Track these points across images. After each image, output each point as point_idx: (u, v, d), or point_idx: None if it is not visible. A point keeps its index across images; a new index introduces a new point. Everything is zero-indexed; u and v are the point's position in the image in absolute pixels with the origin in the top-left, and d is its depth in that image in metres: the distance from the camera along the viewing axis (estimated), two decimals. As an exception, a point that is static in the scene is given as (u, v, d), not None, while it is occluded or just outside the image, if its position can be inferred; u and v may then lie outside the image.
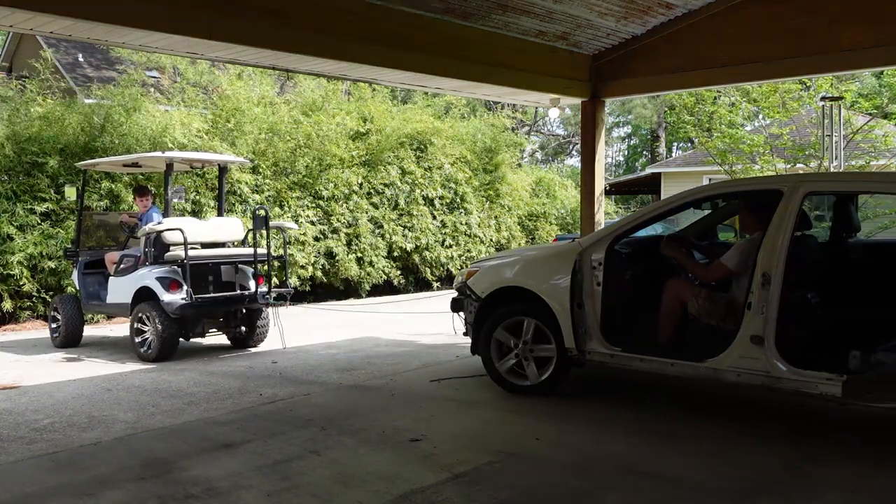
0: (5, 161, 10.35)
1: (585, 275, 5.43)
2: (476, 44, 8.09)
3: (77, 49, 18.22)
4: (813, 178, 5.51)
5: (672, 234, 5.95)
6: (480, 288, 6.06)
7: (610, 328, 5.43)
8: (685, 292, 5.29)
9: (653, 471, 4.19)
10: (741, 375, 4.78)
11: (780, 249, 4.66)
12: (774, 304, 4.63)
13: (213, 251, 8.24)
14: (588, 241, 5.59)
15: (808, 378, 4.52)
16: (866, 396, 4.39)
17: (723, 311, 5.12)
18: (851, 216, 5.75)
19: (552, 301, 5.56)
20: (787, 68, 8.32)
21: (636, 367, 5.31)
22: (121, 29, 5.89)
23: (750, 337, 4.70)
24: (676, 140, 37.14)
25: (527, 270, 5.90)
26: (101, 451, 4.64)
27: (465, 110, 19.06)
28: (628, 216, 5.67)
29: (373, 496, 3.83)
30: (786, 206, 4.75)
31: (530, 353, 5.77)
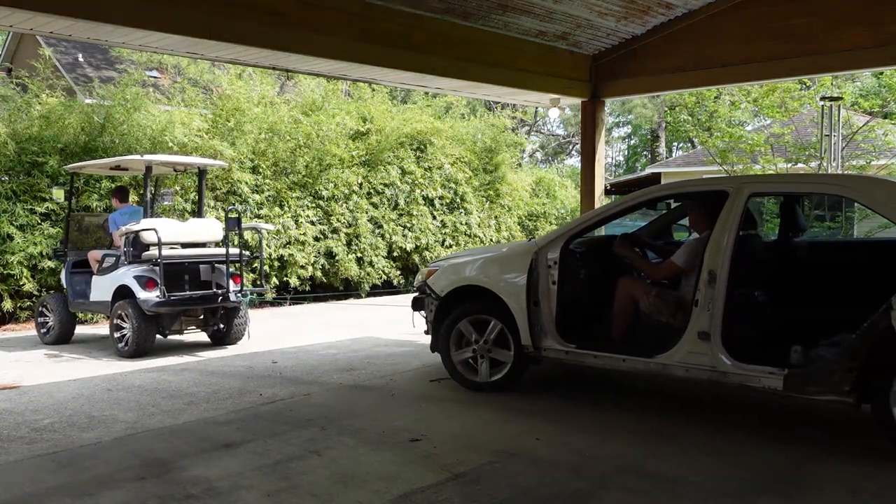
0: (5, 161, 10.34)
1: (541, 273, 5.56)
2: (476, 44, 8.09)
3: (77, 49, 18.22)
4: (756, 179, 5.71)
5: (625, 234, 6.08)
6: (439, 287, 6.16)
7: (565, 326, 5.56)
8: (637, 290, 5.44)
9: (653, 471, 4.19)
10: (689, 370, 4.94)
11: (726, 248, 4.82)
12: (720, 302, 4.78)
13: (188, 251, 8.44)
14: (544, 241, 5.69)
15: (752, 372, 4.69)
16: (806, 389, 4.53)
17: (673, 308, 5.27)
18: (797, 216, 5.90)
19: (509, 299, 5.68)
20: (787, 68, 8.33)
21: (590, 363, 5.45)
22: (121, 29, 5.90)
23: (697, 333, 4.85)
24: (676, 140, 37.15)
25: (485, 269, 5.99)
26: (102, 451, 4.64)
27: (465, 110, 19.04)
28: (583, 216, 5.80)
29: (373, 496, 3.84)
30: (731, 207, 4.92)
31: (488, 351, 5.89)
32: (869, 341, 4.27)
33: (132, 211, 8.72)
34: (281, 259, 12.79)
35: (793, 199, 5.90)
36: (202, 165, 9.19)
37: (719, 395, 5.89)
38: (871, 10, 7.52)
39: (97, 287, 8.44)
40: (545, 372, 6.65)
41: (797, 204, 5.93)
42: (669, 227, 6.72)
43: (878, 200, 4.70)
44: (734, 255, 4.82)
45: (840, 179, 5.95)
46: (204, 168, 9.26)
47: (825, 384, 4.43)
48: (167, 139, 11.52)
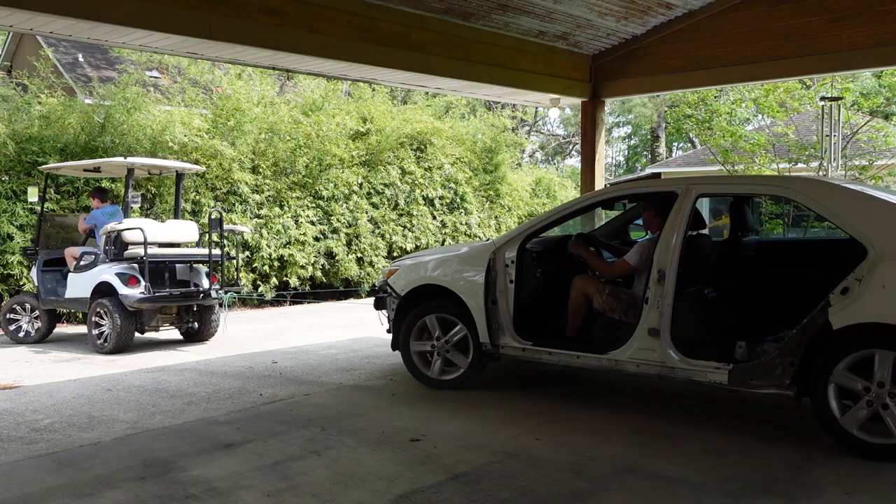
0: (5, 161, 10.34)
1: (499, 272, 5.69)
2: (476, 44, 8.09)
3: (77, 49, 18.22)
4: (704, 180, 5.89)
5: (580, 234, 6.24)
6: (400, 286, 6.25)
7: (522, 323, 5.68)
8: (590, 288, 5.58)
9: (653, 471, 4.19)
10: (640, 366, 5.09)
11: (674, 248, 4.98)
12: (669, 299, 4.94)
13: (170, 250, 8.73)
14: (501, 241, 5.81)
15: (699, 367, 4.85)
16: (749, 383, 4.68)
17: (625, 306, 5.41)
18: (746, 216, 5.99)
19: (467, 298, 5.79)
20: (787, 68, 8.33)
21: (545, 359, 5.58)
22: (121, 29, 5.90)
23: (647, 330, 5.00)
24: (676, 140, 37.15)
25: (444, 269, 6.08)
26: (101, 451, 4.64)
27: (465, 110, 19.05)
28: (539, 216, 5.92)
29: (373, 496, 3.84)
30: (679, 207, 5.07)
31: (447, 349, 6.00)
32: (808, 336, 4.45)
33: (112, 211, 8.92)
34: (281, 259, 12.79)
35: (742, 200, 5.99)
36: (180, 169, 9.43)
37: (720, 395, 5.89)
38: (871, 10, 7.52)
39: (74, 284, 8.60)
40: (545, 372, 6.65)
41: (746, 205, 6.05)
42: (626, 227, 6.88)
43: (816, 201, 4.83)
44: (682, 254, 4.97)
45: (781, 181, 6.11)
46: (181, 172, 9.50)
47: (767, 378, 4.61)
48: (167, 139, 11.52)
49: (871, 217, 4.56)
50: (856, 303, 4.30)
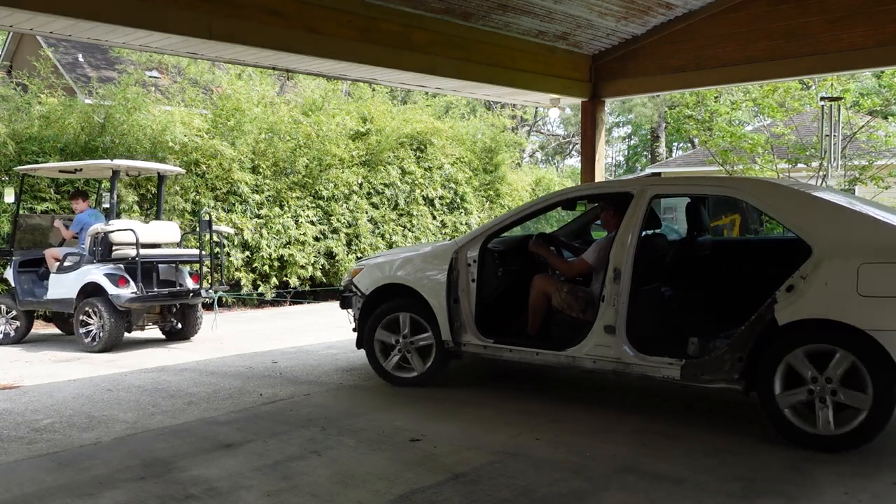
0: (5, 161, 10.34)
1: (461, 271, 5.80)
2: (476, 44, 8.09)
3: (77, 49, 18.21)
4: (658, 182, 6.10)
5: (541, 234, 6.41)
6: (364, 285, 6.34)
7: (483, 321, 5.79)
8: (550, 287, 5.69)
9: (653, 471, 4.19)
10: (596, 362, 5.23)
11: (629, 247, 5.11)
12: (625, 297, 5.08)
13: (159, 251, 8.89)
14: (463, 240, 5.92)
15: (653, 363, 4.99)
16: (700, 378, 4.83)
17: (583, 303, 5.54)
18: (701, 217, 6.13)
19: (430, 296, 5.89)
20: (787, 68, 8.33)
21: (506, 357, 5.70)
22: (121, 29, 5.90)
23: (604, 327, 5.14)
24: (676, 140, 37.14)
25: (407, 268, 6.18)
26: (101, 451, 4.64)
27: (465, 110, 19.05)
28: (501, 216, 6.03)
29: (373, 496, 3.84)
30: (635, 208, 5.21)
31: (411, 347, 6.09)
32: (756, 333, 4.60)
33: (95, 213, 9.11)
34: (281, 259, 12.80)
35: (697, 201, 6.10)
36: (161, 171, 9.52)
37: (720, 396, 5.89)
38: (871, 10, 7.52)
39: (57, 285, 8.66)
40: (545, 373, 6.65)
41: (702, 205, 6.18)
42: (587, 227, 6.97)
43: (764, 202, 5.01)
44: (638, 253, 5.11)
45: (731, 182, 6.29)
46: (163, 174, 9.58)
47: (717, 373, 4.75)
48: (167, 139, 11.52)
49: (815, 217, 4.74)
50: (800, 300, 4.46)
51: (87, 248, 8.61)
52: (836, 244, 4.51)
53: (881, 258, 4.33)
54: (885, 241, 4.48)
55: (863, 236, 4.56)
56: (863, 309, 4.31)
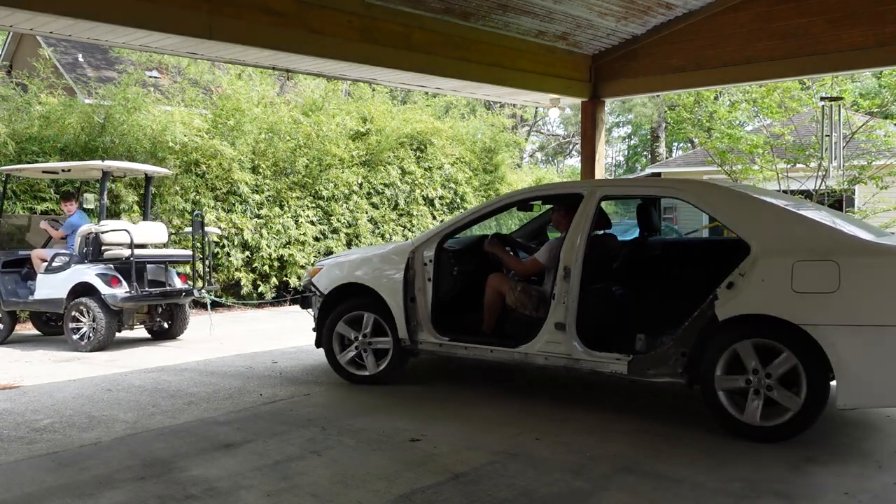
0: (5, 161, 10.33)
1: (417, 271, 5.93)
2: (476, 44, 8.09)
3: (77, 49, 18.21)
4: (607, 183, 6.35)
5: (496, 234, 6.57)
6: (323, 285, 6.44)
7: (439, 320, 5.92)
8: (504, 286, 5.82)
9: (653, 471, 4.19)
10: (548, 358, 5.37)
11: (579, 246, 5.29)
12: (574, 295, 5.24)
13: (151, 251, 9.03)
14: (420, 240, 6.05)
15: (601, 359, 5.16)
16: (646, 373, 5.01)
17: (536, 302, 5.67)
18: (652, 218, 6.26)
19: (387, 296, 6.00)
20: (787, 68, 8.33)
21: (461, 354, 5.84)
22: (121, 29, 5.89)
23: (554, 324, 5.29)
24: (676, 140, 37.13)
25: (365, 268, 6.29)
26: (101, 451, 4.64)
27: (465, 110, 19.05)
28: (456, 216, 6.17)
29: (373, 496, 3.84)
30: (584, 208, 5.39)
31: (369, 346, 6.19)
32: (698, 328, 4.79)
33: (83, 214, 9.20)
34: (281, 259, 12.80)
35: (648, 203, 6.25)
36: (149, 172, 9.59)
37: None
38: (871, 10, 7.52)
39: (45, 285, 8.71)
40: (545, 373, 6.65)
41: (652, 207, 6.33)
42: (544, 227, 7.06)
43: (706, 202, 5.24)
44: (587, 252, 5.28)
45: (674, 184, 6.45)
46: (150, 174, 9.64)
47: (662, 367, 4.94)
48: (167, 139, 11.52)
49: (752, 217, 4.95)
50: (739, 296, 4.66)
51: (77, 248, 8.67)
52: (772, 243, 4.71)
53: (814, 256, 4.54)
54: (817, 240, 4.68)
55: (797, 236, 4.76)
56: (796, 305, 4.51)
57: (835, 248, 4.56)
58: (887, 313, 4.34)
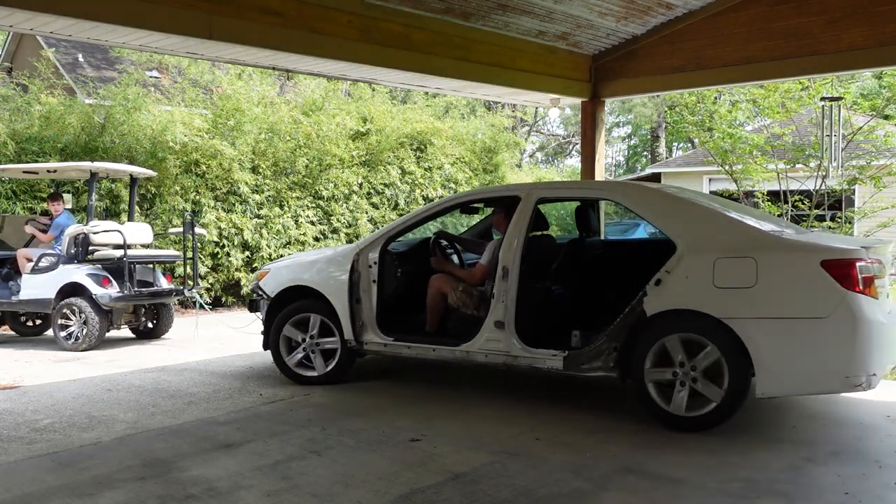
0: (5, 161, 10.33)
1: (362, 273, 6.06)
2: (476, 44, 8.08)
3: (77, 49, 18.20)
4: (543, 186, 6.63)
5: (441, 231, 6.85)
6: (270, 288, 6.53)
7: (384, 320, 6.05)
8: (446, 286, 5.97)
9: (653, 471, 4.19)
10: (488, 356, 5.53)
11: (517, 247, 5.45)
12: (513, 294, 5.40)
13: (142, 251, 9.13)
14: (364, 243, 6.20)
15: (538, 355, 5.34)
16: (581, 367, 5.21)
17: (477, 301, 5.84)
18: (590, 219, 6.46)
19: (333, 298, 6.11)
20: (787, 68, 8.32)
21: (405, 354, 5.97)
22: (121, 29, 5.89)
23: (494, 322, 5.46)
24: (676, 140, 37.13)
25: (311, 270, 6.40)
26: (102, 451, 4.64)
27: (465, 110, 19.02)
28: (400, 219, 6.29)
29: (373, 496, 3.84)
30: (522, 210, 5.57)
31: (316, 347, 6.28)
32: (629, 324, 5.00)
33: (69, 215, 9.26)
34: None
35: (586, 205, 6.44)
36: (135, 173, 9.63)
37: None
38: (871, 10, 7.51)
39: (31, 286, 8.72)
40: (545, 374, 6.64)
41: (590, 209, 6.53)
42: (489, 229, 7.15)
43: (636, 203, 5.49)
44: (525, 252, 5.44)
45: (606, 185, 6.92)
46: (135, 176, 9.67)
47: (596, 362, 5.14)
48: (168, 139, 11.52)
49: (678, 217, 5.20)
50: (665, 292, 4.89)
51: (65, 248, 8.70)
52: (695, 241, 4.94)
53: (733, 253, 4.77)
54: (737, 238, 4.92)
55: (719, 234, 5.00)
56: (718, 299, 4.74)
57: (753, 245, 4.81)
58: (800, 306, 4.58)
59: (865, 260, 4.63)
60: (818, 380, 4.65)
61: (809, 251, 4.71)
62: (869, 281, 4.60)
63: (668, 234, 5.08)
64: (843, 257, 4.59)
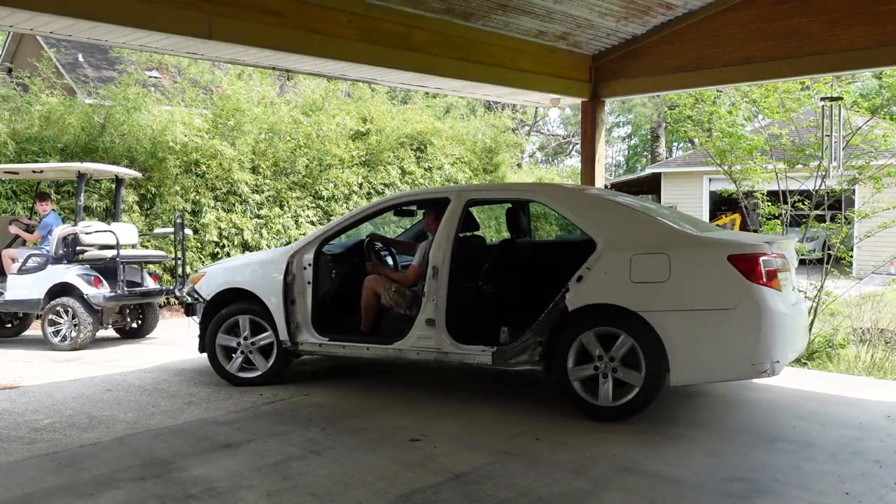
0: (5, 161, 10.34)
1: (297, 275, 6.15)
2: (476, 44, 8.08)
3: (77, 49, 18.20)
4: (472, 188, 6.90)
5: (373, 234, 6.97)
6: (206, 291, 6.59)
7: (319, 321, 6.14)
8: (379, 286, 6.12)
9: (653, 471, 4.19)
10: (420, 353, 5.69)
11: (446, 247, 5.63)
12: (443, 292, 5.57)
13: (131, 251, 9.18)
14: (299, 245, 6.28)
15: (468, 351, 5.52)
16: (508, 362, 5.39)
17: (409, 300, 6.00)
18: (520, 220, 6.71)
19: (268, 300, 6.21)
20: (787, 68, 8.32)
21: (340, 353, 6.08)
22: (121, 29, 5.88)
23: (425, 320, 5.62)
24: (676, 140, 37.14)
25: (246, 273, 6.49)
26: (102, 451, 4.64)
27: (465, 111, 19.02)
28: (333, 221, 6.44)
29: (373, 496, 3.84)
30: (451, 211, 5.74)
31: (253, 346, 6.33)
32: (553, 319, 5.22)
33: (58, 215, 9.32)
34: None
35: (517, 207, 6.70)
36: (120, 174, 9.67)
37: (720, 396, 5.89)
38: (871, 10, 7.51)
39: (18, 286, 8.73)
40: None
41: (521, 211, 6.77)
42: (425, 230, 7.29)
43: (559, 204, 5.75)
44: (454, 252, 5.62)
45: (531, 188, 7.20)
46: (121, 177, 9.75)
47: (522, 356, 5.34)
48: (168, 139, 11.52)
49: (598, 217, 5.47)
50: (586, 288, 5.13)
51: (53, 248, 8.71)
52: (613, 239, 5.19)
53: (648, 250, 5.03)
54: (652, 235, 5.20)
55: (635, 232, 5.27)
56: (634, 294, 5.00)
57: (666, 242, 5.08)
58: (709, 298, 4.85)
59: (769, 254, 4.91)
60: (727, 367, 4.94)
61: (717, 247, 5.01)
62: (772, 274, 4.89)
63: (589, 233, 5.32)
64: (748, 252, 4.89)
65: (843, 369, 7.19)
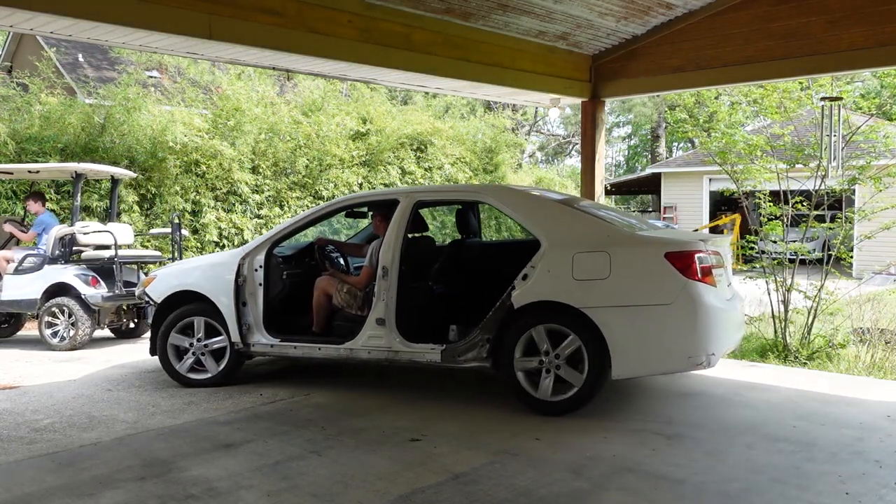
0: (5, 161, 10.33)
1: (248, 277, 6.19)
2: (476, 44, 8.08)
3: (77, 49, 18.20)
4: (421, 190, 7.12)
5: (321, 238, 6.98)
6: (156, 294, 6.59)
7: (271, 322, 6.20)
8: (330, 287, 6.19)
9: (653, 471, 4.19)
10: (371, 352, 5.76)
11: (395, 247, 5.73)
12: (393, 292, 5.67)
13: (128, 252, 9.15)
14: (250, 247, 6.31)
15: (418, 349, 5.61)
16: (457, 359, 5.50)
17: (361, 301, 6.07)
18: (469, 221, 6.81)
19: (220, 302, 6.22)
20: (787, 68, 8.32)
21: (292, 353, 6.12)
22: (121, 29, 5.88)
23: (376, 320, 5.70)
24: (676, 140, 37.15)
25: (197, 275, 6.50)
26: (102, 451, 4.65)
27: (465, 111, 19.02)
28: (284, 223, 6.44)
29: (373, 496, 3.84)
30: (400, 213, 5.84)
31: (205, 348, 6.35)
32: (499, 317, 5.34)
33: (53, 214, 9.33)
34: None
35: (467, 208, 6.79)
36: (116, 174, 9.65)
37: (721, 396, 5.89)
38: (871, 10, 7.51)
39: (14, 286, 8.73)
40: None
41: (471, 212, 6.87)
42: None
43: (505, 205, 5.83)
44: (404, 252, 5.71)
45: (478, 189, 7.37)
46: (117, 177, 9.74)
47: (470, 354, 5.46)
48: (168, 139, 11.52)
49: (543, 216, 5.61)
50: (530, 286, 5.25)
51: (50, 248, 8.72)
52: (557, 238, 5.33)
53: (590, 248, 5.18)
54: (593, 234, 5.35)
55: (578, 230, 5.43)
56: (577, 291, 5.14)
57: (606, 240, 5.24)
58: (647, 294, 5.01)
59: (704, 252, 5.09)
60: (665, 361, 5.12)
61: (655, 245, 5.17)
62: (707, 270, 5.07)
63: (534, 233, 5.44)
64: (684, 249, 5.05)
65: (844, 369, 7.18)
